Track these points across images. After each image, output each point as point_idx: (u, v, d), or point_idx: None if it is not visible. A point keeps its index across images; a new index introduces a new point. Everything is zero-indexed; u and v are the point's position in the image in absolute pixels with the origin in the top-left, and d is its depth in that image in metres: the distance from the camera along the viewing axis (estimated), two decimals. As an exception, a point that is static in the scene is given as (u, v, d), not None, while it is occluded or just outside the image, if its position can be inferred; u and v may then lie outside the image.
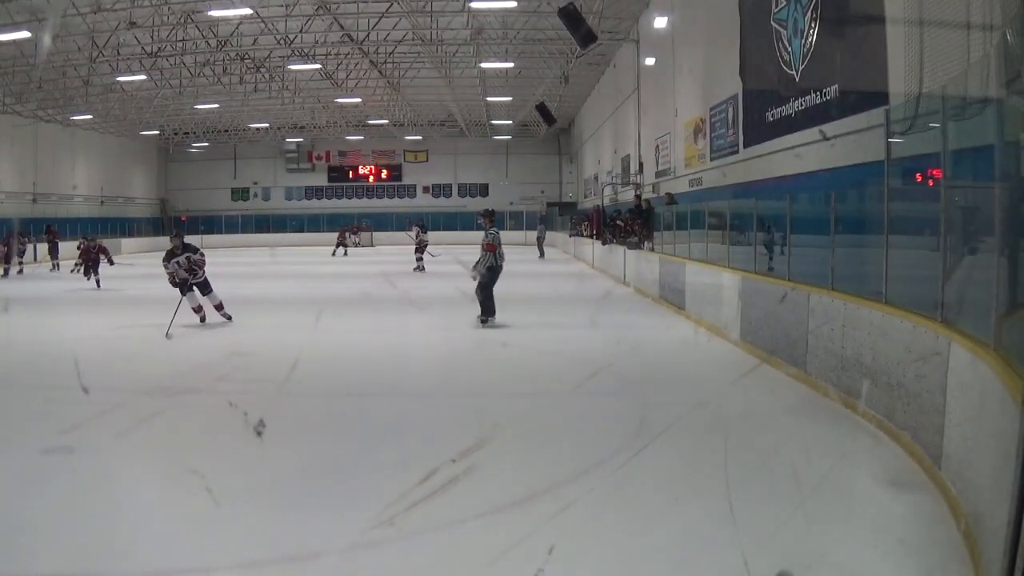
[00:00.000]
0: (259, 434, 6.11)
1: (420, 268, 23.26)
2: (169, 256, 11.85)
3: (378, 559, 4.09)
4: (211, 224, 46.60)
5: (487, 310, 11.79)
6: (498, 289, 12.15)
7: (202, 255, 12.04)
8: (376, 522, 4.42)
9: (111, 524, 4.48)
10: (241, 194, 50.87)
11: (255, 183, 50.75)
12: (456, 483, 5.02)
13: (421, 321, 13.23)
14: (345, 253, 33.98)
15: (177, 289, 11.87)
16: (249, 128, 43.77)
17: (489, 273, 11.88)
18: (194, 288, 11.88)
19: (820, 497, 4.71)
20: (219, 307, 12.19)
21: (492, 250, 11.89)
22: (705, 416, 6.69)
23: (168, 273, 11.85)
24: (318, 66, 28.27)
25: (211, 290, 12.10)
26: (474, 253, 12.55)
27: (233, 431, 6.34)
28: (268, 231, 46.20)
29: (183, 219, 46.70)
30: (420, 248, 23.64)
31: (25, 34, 20.92)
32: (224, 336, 11.26)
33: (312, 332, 11.95)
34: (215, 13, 21.68)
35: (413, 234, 24.43)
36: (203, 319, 12.06)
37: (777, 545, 4.08)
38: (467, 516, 4.53)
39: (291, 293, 18.48)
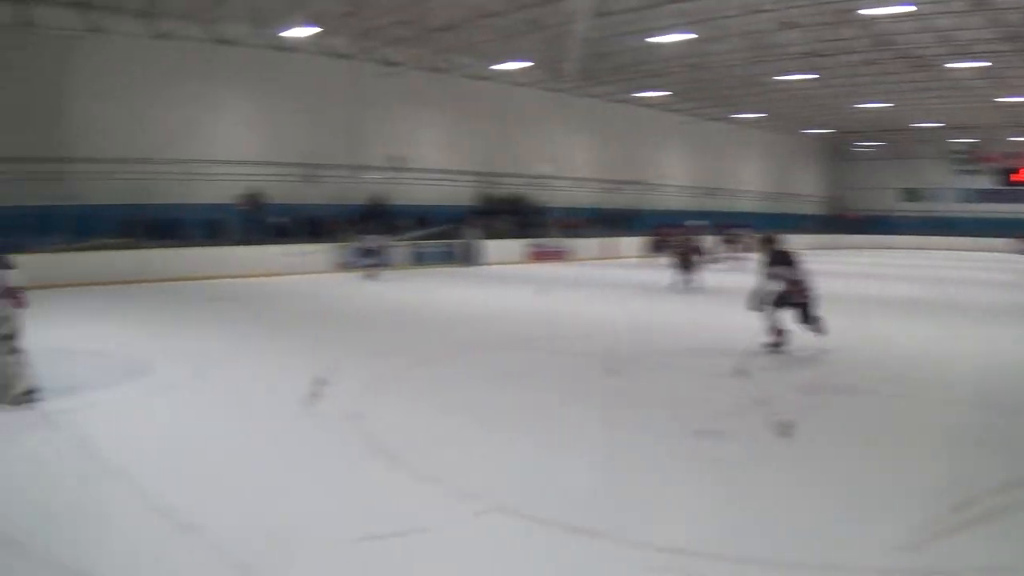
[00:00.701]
0: (786, 435, 6.05)
1: None
2: (769, 263, 9.77)
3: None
4: (882, 224, 46.31)
5: None
6: None
7: (796, 277, 9.62)
8: (897, 545, 4.12)
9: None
10: (910, 194, 49.02)
11: (921, 185, 48.55)
12: (996, 519, 4.43)
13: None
14: None
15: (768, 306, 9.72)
16: (913, 127, 41.87)
17: None
18: (792, 307, 9.67)
19: None
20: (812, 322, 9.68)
21: None
22: None
23: (767, 287, 9.64)
24: (977, 64, 26.06)
25: (815, 320, 9.70)
26: None
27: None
28: (936, 234, 44.07)
29: (853, 216, 47.36)
30: None
31: (686, 36, 22.61)
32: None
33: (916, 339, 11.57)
34: (866, 12, 21.39)
35: None
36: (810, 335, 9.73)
37: None
38: (1004, 562, 3.96)
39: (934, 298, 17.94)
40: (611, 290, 18.79)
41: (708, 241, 24.76)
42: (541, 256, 28.67)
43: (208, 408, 7.13)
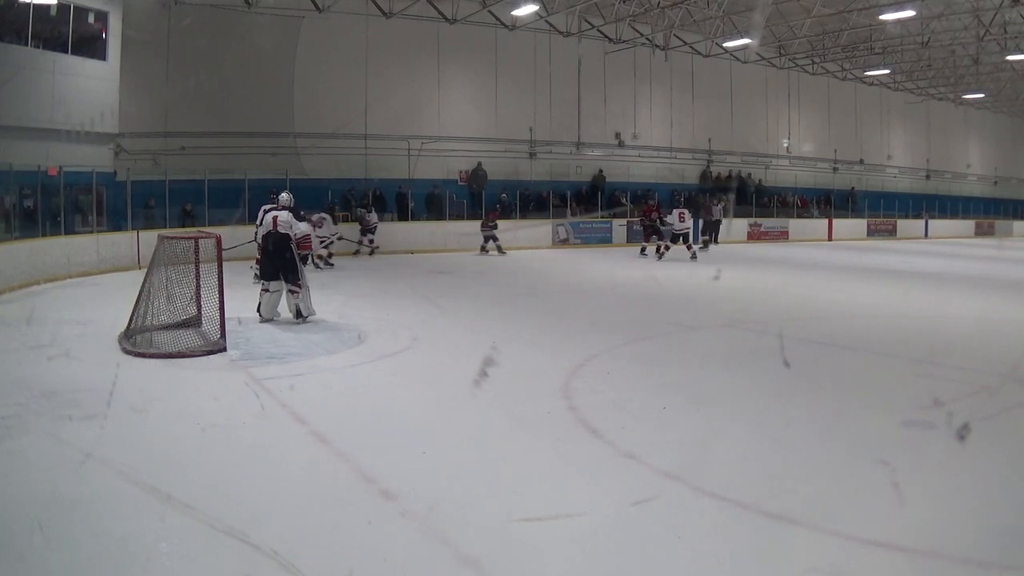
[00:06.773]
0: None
1: None
2: None
3: None
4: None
5: None
6: None
7: None
8: None
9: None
10: None
11: None
12: None
13: None
14: None
15: None
16: None
17: None
18: None
19: None
20: None
21: None
22: None
23: None
24: None
25: None
26: None
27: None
28: None
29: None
30: None
31: (909, 13, 21.51)
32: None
33: None
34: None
35: None
36: None
37: None
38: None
39: None
40: (842, 273, 17.32)
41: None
42: (762, 236, 27.81)
43: (410, 380, 7.05)
